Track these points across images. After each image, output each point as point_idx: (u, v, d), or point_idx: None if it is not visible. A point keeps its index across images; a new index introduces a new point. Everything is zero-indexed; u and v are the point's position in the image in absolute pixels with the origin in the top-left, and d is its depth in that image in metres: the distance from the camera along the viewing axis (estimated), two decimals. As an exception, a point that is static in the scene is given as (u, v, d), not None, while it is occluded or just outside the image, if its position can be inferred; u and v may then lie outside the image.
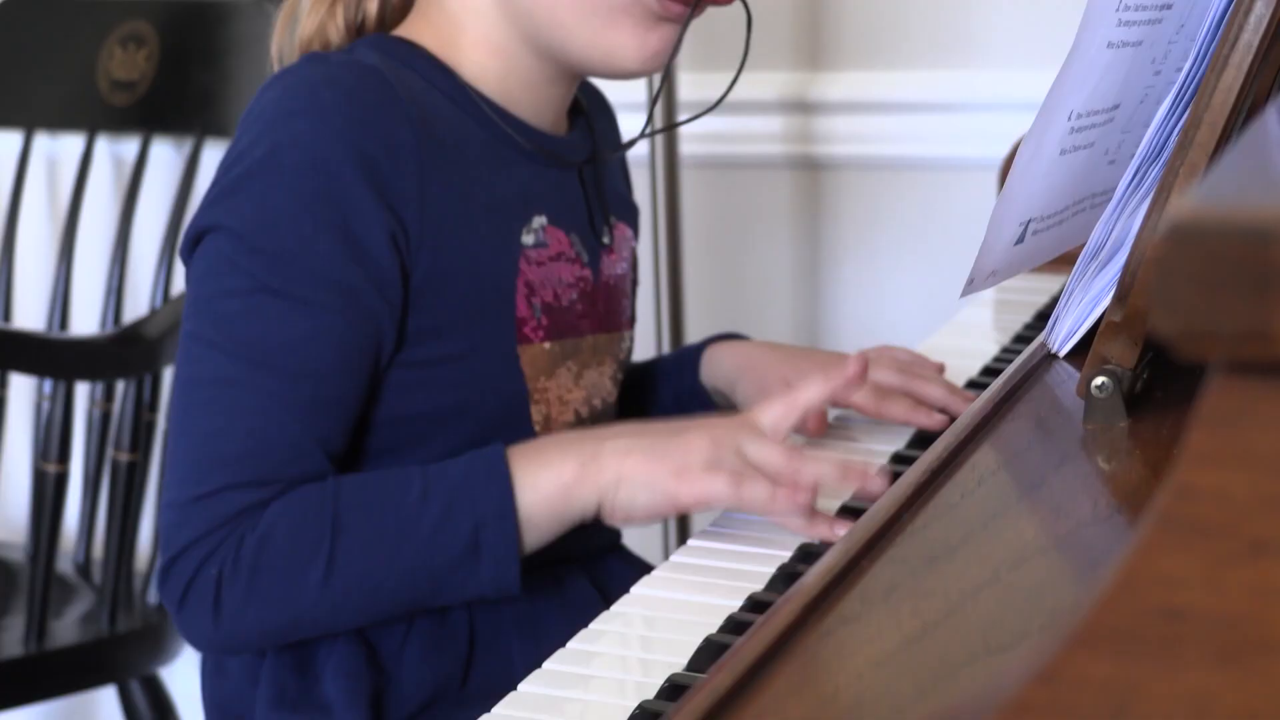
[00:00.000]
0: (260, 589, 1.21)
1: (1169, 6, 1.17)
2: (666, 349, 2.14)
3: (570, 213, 1.39)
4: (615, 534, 1.46)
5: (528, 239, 1.34)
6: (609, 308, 1.42)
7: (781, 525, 1.21)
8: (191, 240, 1.27)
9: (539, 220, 1.35)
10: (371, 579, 1.22)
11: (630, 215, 1.51)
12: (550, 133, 1.39)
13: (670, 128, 2.01)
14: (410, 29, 1.37)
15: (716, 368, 1.53)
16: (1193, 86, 1.12)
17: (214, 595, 1.21)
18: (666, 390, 1.55)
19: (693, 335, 2.16)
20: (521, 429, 1.33)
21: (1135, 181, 1.16)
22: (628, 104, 1.90)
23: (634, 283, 1.51)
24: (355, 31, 1.39)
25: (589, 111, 1.48)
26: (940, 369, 1.49)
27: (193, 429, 1.24)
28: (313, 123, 1.24)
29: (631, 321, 1.49)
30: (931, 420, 1.39)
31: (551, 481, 1.23)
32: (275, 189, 1.23)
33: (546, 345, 1.35)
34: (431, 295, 1.28)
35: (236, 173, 1.25)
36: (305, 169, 1.23)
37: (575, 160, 1.40)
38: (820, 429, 1.41)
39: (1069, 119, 1.16)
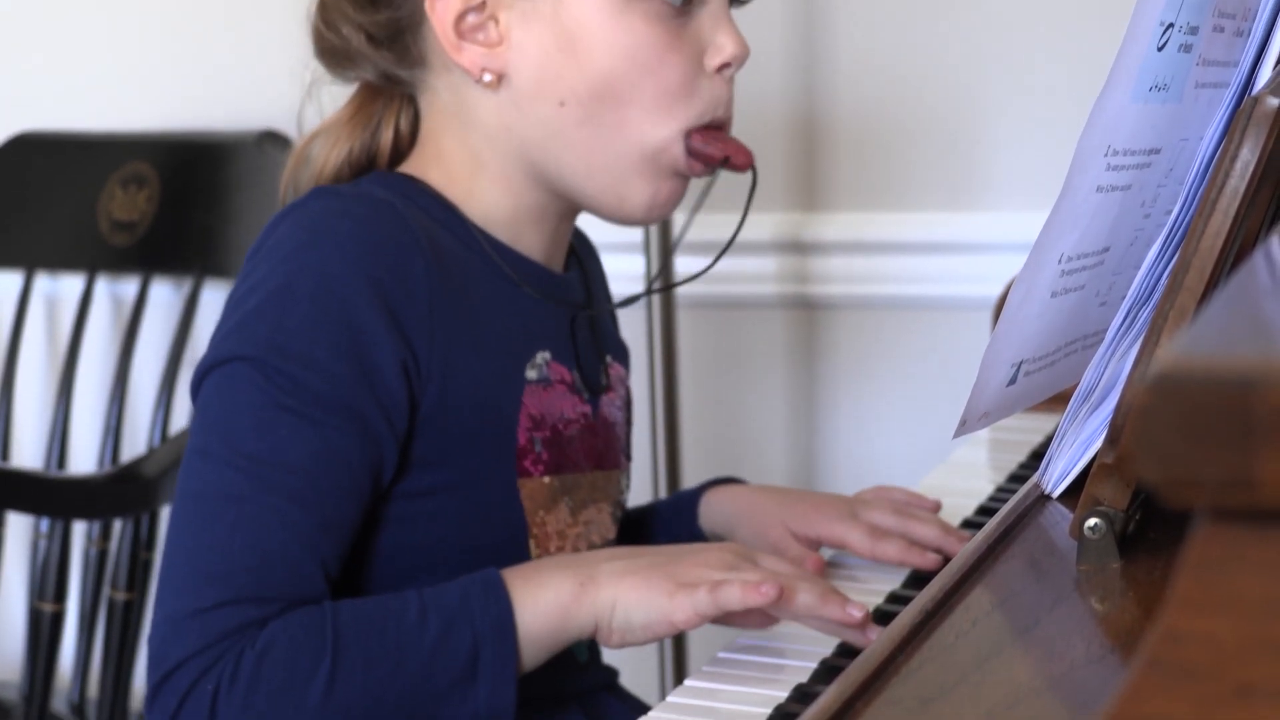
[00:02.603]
0: (258, 705, 1.18)
1: (1157, 151, 1.19)
2: (663, 487, 2.14)
3: (572, 350, 1.41)
4: (611, 673, 1.46)
5: (531, 373, 1.35)
6: (607, 445, 1.43)
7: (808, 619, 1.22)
8: (202, 373, 1.27)
9: (543, 355, 1.36)
10: (370, 698, 1.20)
11: (622, 354, 1.52)
12: (553, 268, 1.41)
13: (668, 288, 2.03)
14: (416, 165, 1.38)
15: (715, 513, 1.53)
16: (1182, 230, 1.13)
17: (209, 711, 1.18)
18: (664, 535, 1.55)
19: (688, 473, 2.16)
20: (520, 563, 1.33)
21: (1126, 324, 1.17)
22: (624, 245, 1.92)
23: (629, 421, 1.52)
24: (368, 165, 1.40)
25: (579, 252, 1.49)
26: (937, 507, 1.50)
27: (193, 541, 1.22)
28: (327, 252, 1.25)
29: (629, 459, 1.50)
30: (925, 561, 1.40)
31: (550, 601, 1.23)
32: (291, 315, 1.24)
33: (546, 479, 1.35)
34: (437, 424, 1.29)
35: (251, 305, 1.26)
36: (321, 296, 1.24)
37: (576, 301, 1.42)
38: (818, 572, 1.41)
39: (1059, 261, 1.17)
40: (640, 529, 1.57)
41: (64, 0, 2.65)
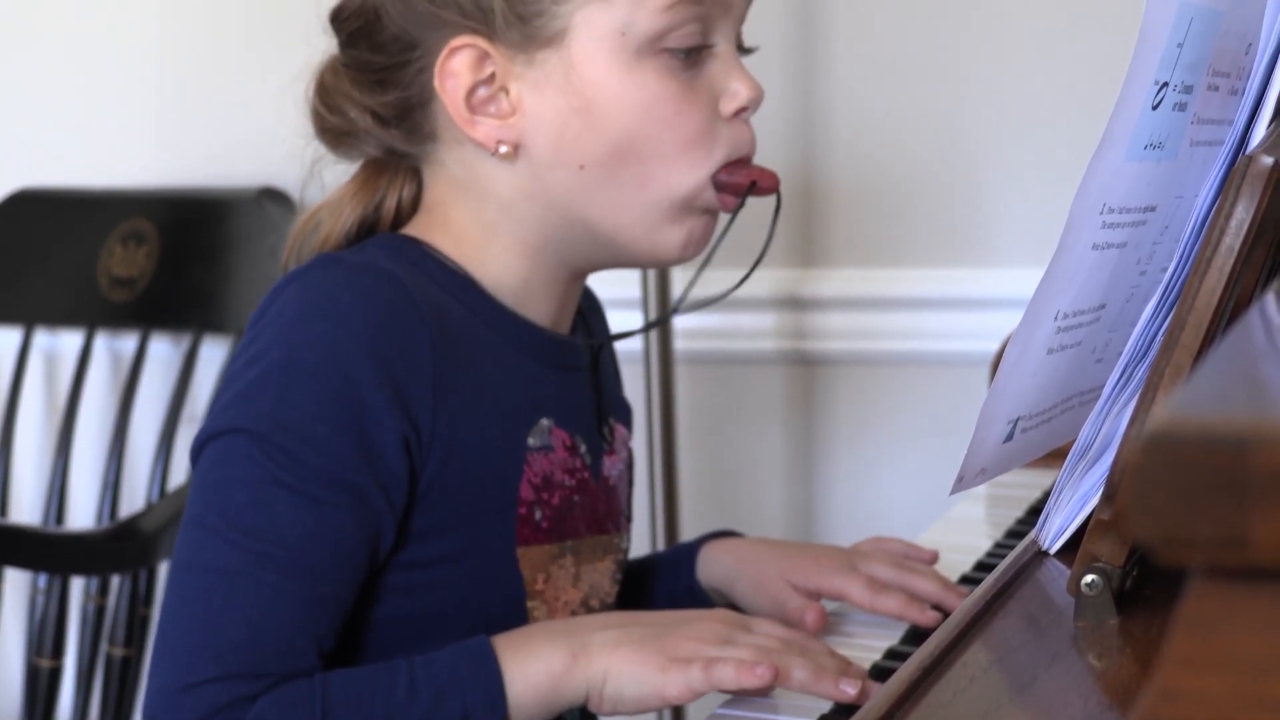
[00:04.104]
0: None
1: (1152, 209, 1.19)
2: (661, 542, 2.14)
3: (575, 413, 1.40)
4: (605, 731, 1.46)
5: (533, 441, 1.34)
6: (608, 508, 1.43)
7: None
8: (202, 442, 1.27)
9: (545, 422, 1.36)
10: None
11: (625, 416, 1.52)
12: (559, 331, 1.41)
13: (661, 320, 2.03)
14: (423, 229, 1.38)
15: (713, 566, 1.53)
16: (1177, 287, 1.14)
17: None
18: (661, 588, 1.55)
19: (686, 528, 2.16)
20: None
21: (1122, 381, 1.17)
22: (621, 300, 1.92)
23: (630, 482, 1.51)
24: (369, 234, 1.40)
25: (585, 311, 1.49)
26: (934, 557, 1.50)
27: (187, 615, 1.22)
28: (330, 326, 1.24)
29: (629, 521, 1.49)
30: (925, 617, 1.40)
31: (540, 672, 1.23)
32: (292, 389, 1.24)
33: (546, 546, 1.35)
34: (437, 494, 1.28)
35: (252, 375, 1.25)
36: (323, 371, 1.23)
37: (582, 362, 1.42)
38: (819, 625, 1.41)
39: (1055, 319, 1.17)
40: (639, 582, 1.56)
41: (64, 57, 2.66)
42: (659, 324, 2.06)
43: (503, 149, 1.32)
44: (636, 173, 1.32)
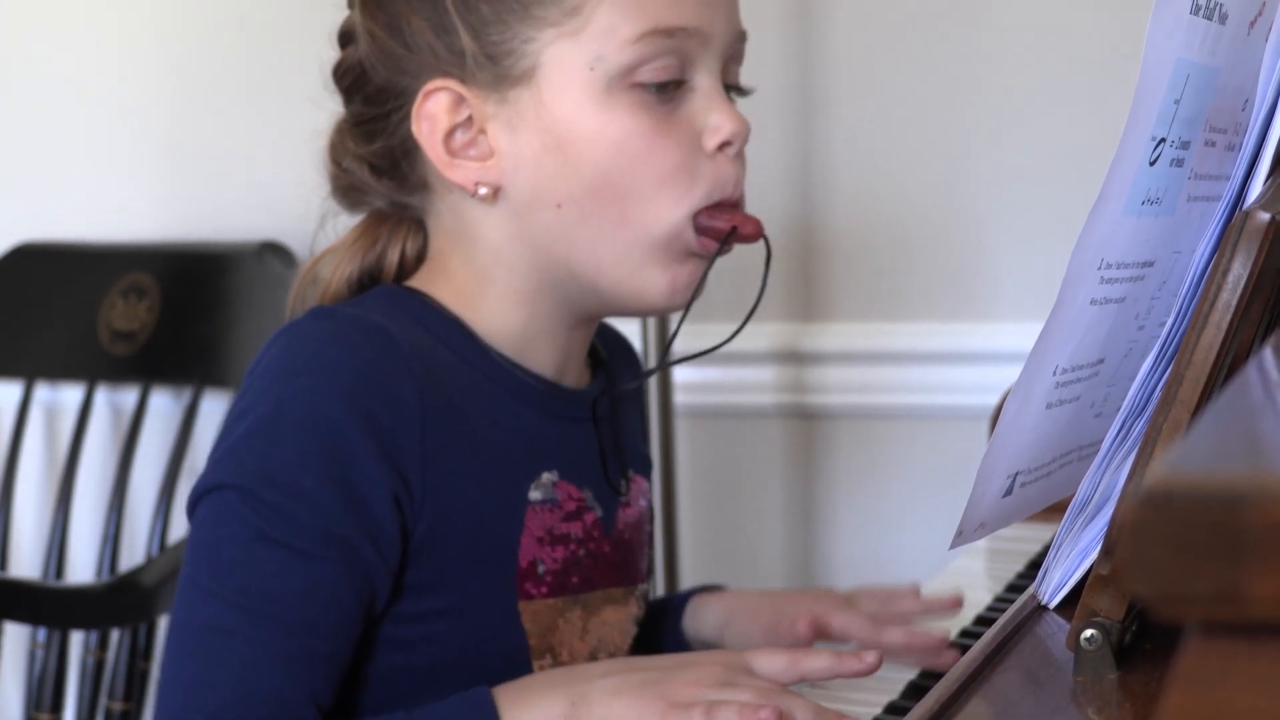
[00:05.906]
0: None
1: (1150, 264, 1.19)
2: (660, 594, 2.14)
3: (583, 466, 1.39)
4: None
5: (535, 494, 1.33)
6: (622, 561, 1.42)
7: None
8: (197, 498, 1.27)
9: (548, 476, 1.35)
10: None
11: (645, 468, 1.51)
12: (566, 382, 1.39)
13: (653, 371, 2.03)
14: (425, 280, 1.37)
15: (705, 617, 1.52)
16: (1175, 342, 1.14)
17: None
18: (668, 637, 1.55)
19: (687, 582, 2.16)
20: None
21: (1121, 435, 1.18)
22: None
23: (650, 535, 1.51)
24: (373, 280, 1.40)
25: (609, 361, 1.49)
26: (959, 598, 1.51)
27: (182, 675, 1.22)
28: (316, 380, 1.24)
29: (647, 574, 1.48)
30: (933, 650, 1.39)
31: None
32: (279, 444, 1.24)
33: (550, 600, 1.34)
34: (432, 549, 1.28)
35: (241, 430, 1.25)
36: (309, 426, 1.23)
37: (586, 415, 1.41)
38: (812, 632, 1.41)
39: (1054, 374, 1.17)
40: (652, 627, 1.55)
41: (66, 112, 2.67)
42: (650, 374, 2.06)
43: (482, 190, 1.32)
44: (614, 211, 1.31)
